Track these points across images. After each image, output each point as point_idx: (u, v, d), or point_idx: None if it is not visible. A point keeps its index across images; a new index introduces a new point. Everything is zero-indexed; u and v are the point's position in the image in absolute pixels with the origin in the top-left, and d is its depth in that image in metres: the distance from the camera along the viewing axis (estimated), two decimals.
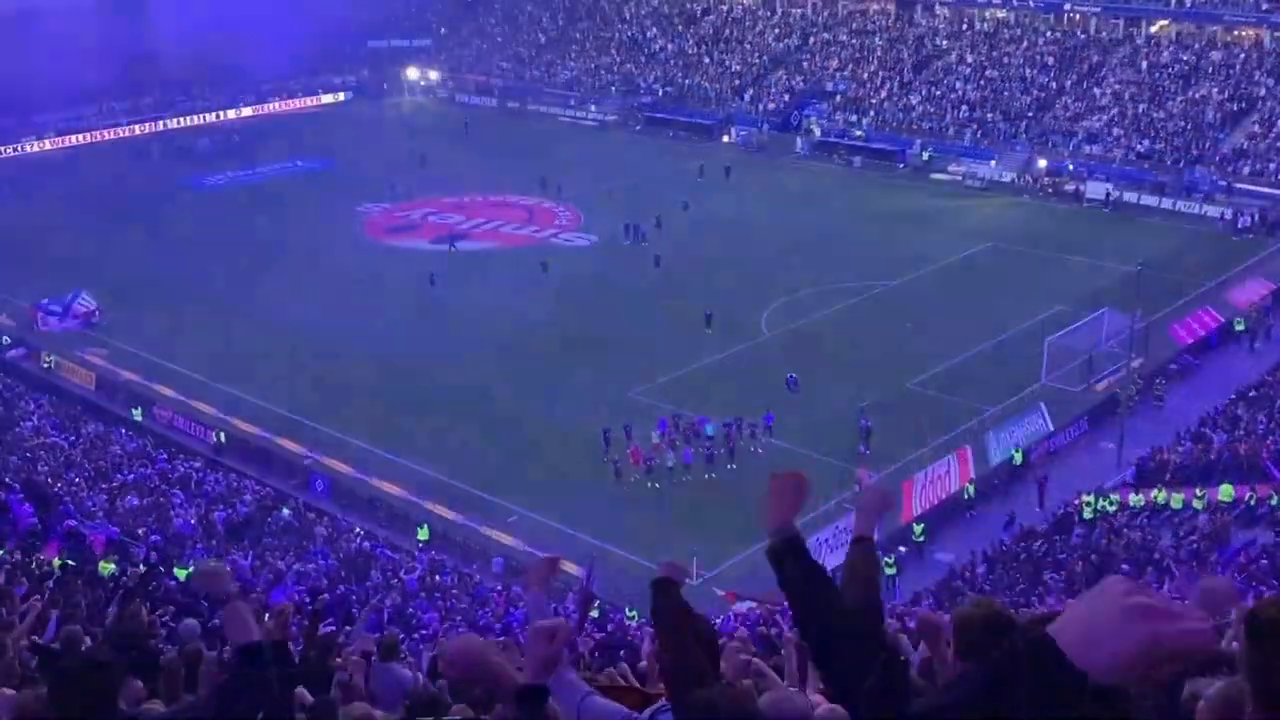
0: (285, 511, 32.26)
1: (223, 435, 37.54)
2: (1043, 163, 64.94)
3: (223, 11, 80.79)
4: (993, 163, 66.23)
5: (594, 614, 23.27)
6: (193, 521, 29.50)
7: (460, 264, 52.38)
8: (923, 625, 5.28)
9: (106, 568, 19.56)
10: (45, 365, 42.98)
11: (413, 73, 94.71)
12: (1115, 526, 29.88)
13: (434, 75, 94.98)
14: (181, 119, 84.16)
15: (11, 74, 75.86)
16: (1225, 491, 30.80)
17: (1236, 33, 69.38)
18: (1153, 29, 72.38)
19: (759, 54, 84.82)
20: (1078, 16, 74.99)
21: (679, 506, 33.15)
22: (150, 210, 62.43)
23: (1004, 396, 38.50)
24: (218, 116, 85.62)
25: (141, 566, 20.57)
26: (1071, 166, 64.11)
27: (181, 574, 20.62)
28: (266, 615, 12.13)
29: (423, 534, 32.33)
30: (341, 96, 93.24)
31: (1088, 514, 31.06)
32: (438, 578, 28.91)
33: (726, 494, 33.16)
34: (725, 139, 76.74)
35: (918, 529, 31.55)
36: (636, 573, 23.15)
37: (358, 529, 32.16)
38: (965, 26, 79.01)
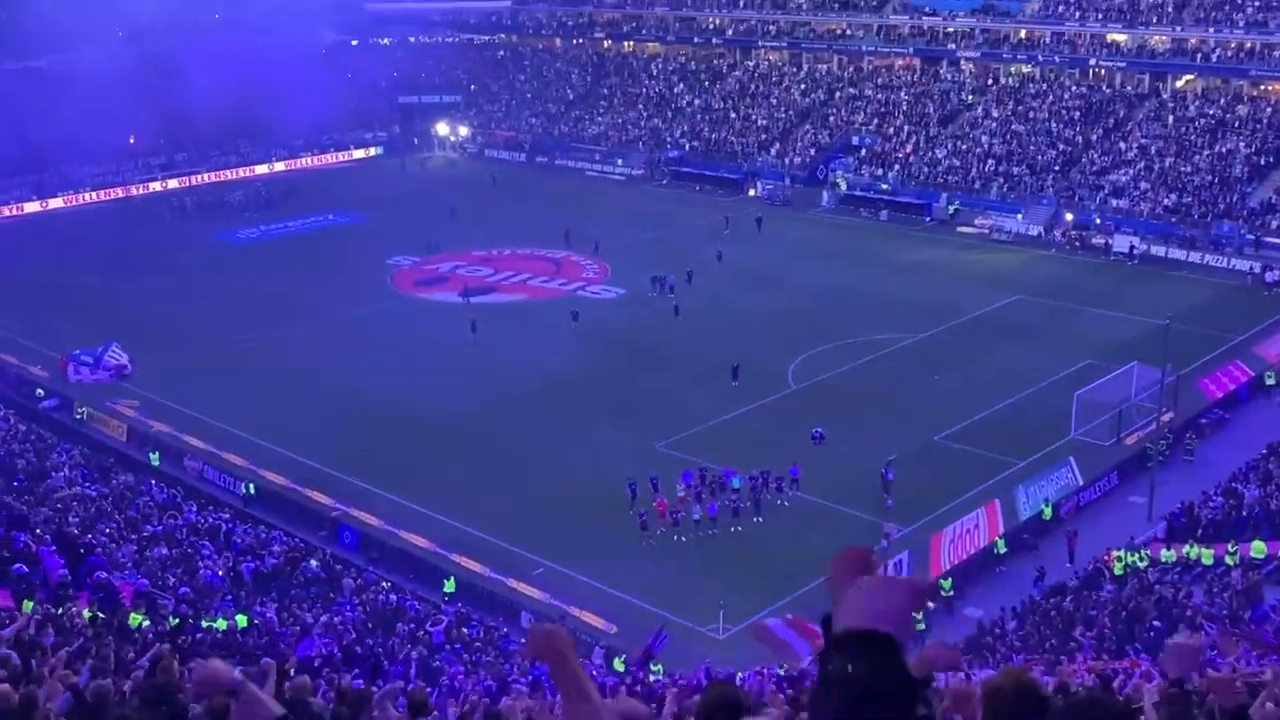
0: (313, 563, 32.30)
1: (252, 486, 37.74)
2: (1069, 216, 64.98)
3: (257, 70, 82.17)
4: (1019, 216, 66.31)
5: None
6: (221, 573, 29.60)
7: (489, 315, 52.66)
8: (953, 696, 5.26)
9: (136, 619, 19.66)
10: (78, 416, 43.41)
11: (443, 128, 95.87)
12: (1146, 582, 29.55)
13: (464, 131, 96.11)
14: (215, 174, 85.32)
15: (50, 130, 77.43)
16: (1257, 548, 30.45)
17: (1263, 87, 69.43)
18: (1178, 84, 72.53)
19: (785, 109, 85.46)
20: (1103, 71, 75.27)
21: (705, 559, 33.06)
22: (183, 263, 63.26)
23: (1033, 450, 38.31)
24: (251, 171, 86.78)
25: (171, 619, 20.68)
26: (1098, 220, 64.08)
27: (212, 625, 20.70)
28: (292, 670, 12.21)
29: (449, 586, 32.33)
30: (373, 151, 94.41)
31: (1118, 570, 30.75)
32: (464, 630, 28.86)
33: (752, 547, 33.08)
34: (751, 193, 77.19)
35: (946, 584, 31.28)
36: (659, 625, 23.11)
37: (385, 581, 32.17)
38: (990, 81, 79.42)
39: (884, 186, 73.11)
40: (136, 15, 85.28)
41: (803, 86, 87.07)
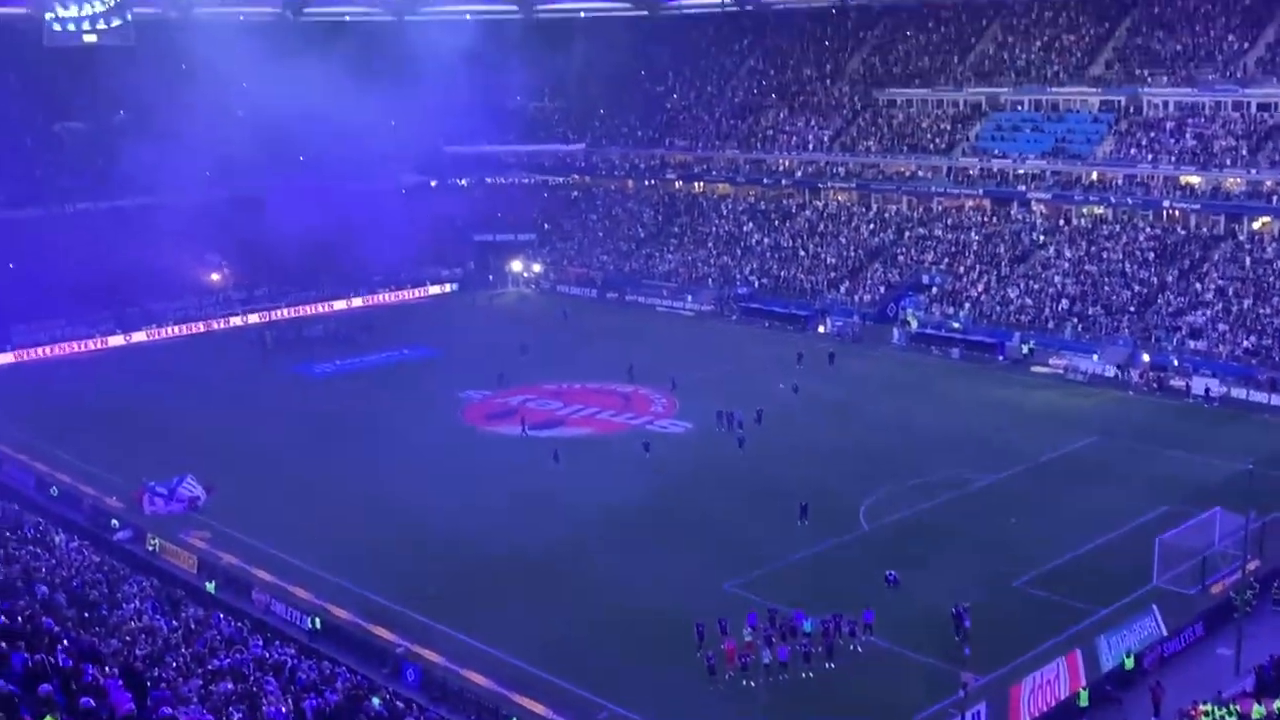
0: (375, 701, 31.84)
1: (318, 621, 37.60)
2: (1146, 357, 64.08)
3: (338, 209, 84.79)
4: (1095, 357, 65.52)
5: None
6: (283, 710, 29.28)
7: (556, 448, 52.70)
8: None
9: None
10: (150, 548, 43.80)
11: (517, 265, 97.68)
12: None
13: (537, 268, 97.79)
14: (295, 309, 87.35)
15: (135, 265, 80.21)
16: None
17: None
18: (1255, 225, 71.96)
19: (854, 248, 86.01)
20: (1176, 213, 74.96)
21: (775, 706, 32.14)
22: (260, 396, 64.55)
23: (1114, 598, 37.11)
24: (330, 307, 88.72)
25: None
26: (1176, 361, 63.11)
27: None
28: None
29: None
30: (448, 288, 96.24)
31: None
32: None
33: (824, 694, 32.16)
34: (821, 329, 77.32)
35: None
36: None
37: None
38: (1062, 222, 79.41)
39: (955, 325, 72.83)
40: (225, 156, 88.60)
41: (872, 226, 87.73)
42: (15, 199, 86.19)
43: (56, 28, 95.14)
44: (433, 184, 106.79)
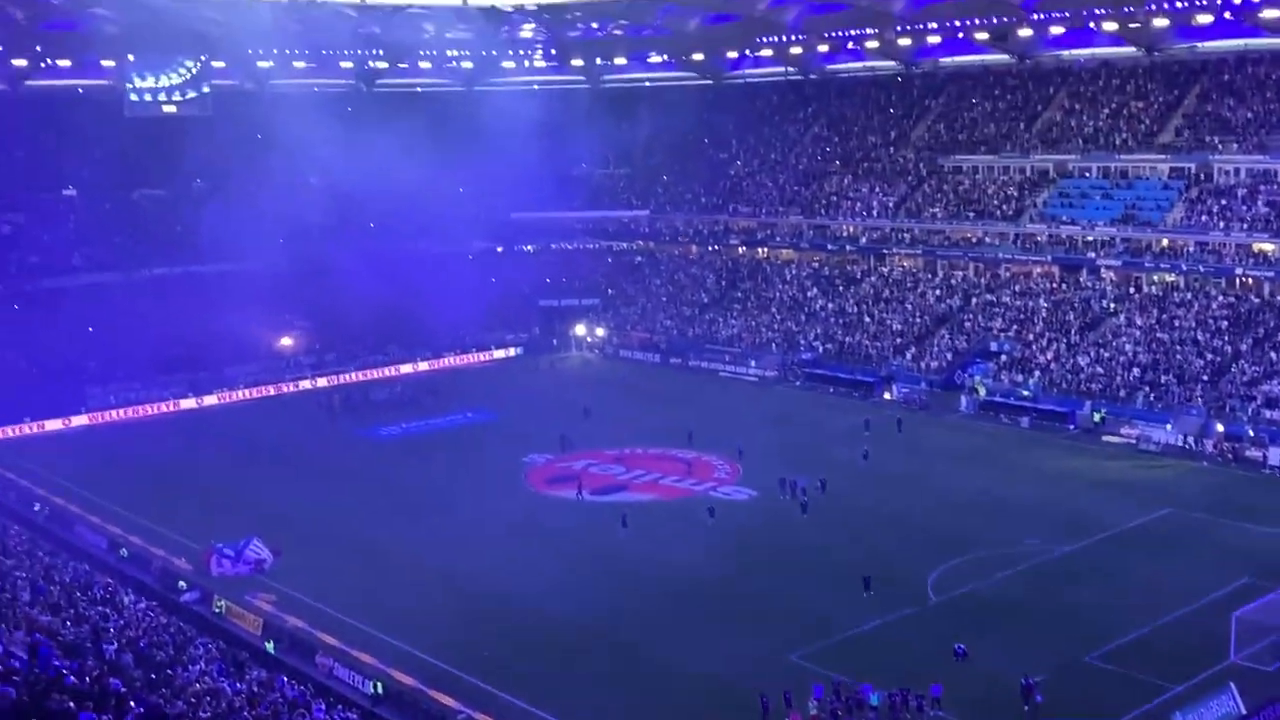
0: None
1: (380, 685, 37.58)
2: (1220, 427, 62.73)
3: (406, 274, 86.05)
4: (1168, 426, 64.23)
5: None
6: None
7: (625, 512, 52.57)
8: None
9: None
10: (216, 610, 44.14)
11: (580, 329, 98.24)
12: None
13: (600, 332, 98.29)
14: (362, 373, 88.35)
15: (209, 329, 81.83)
16: None
17: None
18: None
19: (920, 314, 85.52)
20: (1250, 281, 73.75)
21: None
22: (327, 459, 65.24)
23: (1189, 674, 36.03)
24: (396, 370, 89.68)
25: None
26: (1251, 431, 61.70)
27: None
28: None
29: None
30: (512, 352, 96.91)
31: None
32: None
33: None
34: (887, 396, 76.69)
35: None
36: None
37: None
38: (1133, 289, 78.43)
39: (1025, 393, 71.90)
40: (297, 222, 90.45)
41: (938, 292, 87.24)
42: (96, 264, 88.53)
43: (136, 98, 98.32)
44: (499, 250, 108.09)
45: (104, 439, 72.01)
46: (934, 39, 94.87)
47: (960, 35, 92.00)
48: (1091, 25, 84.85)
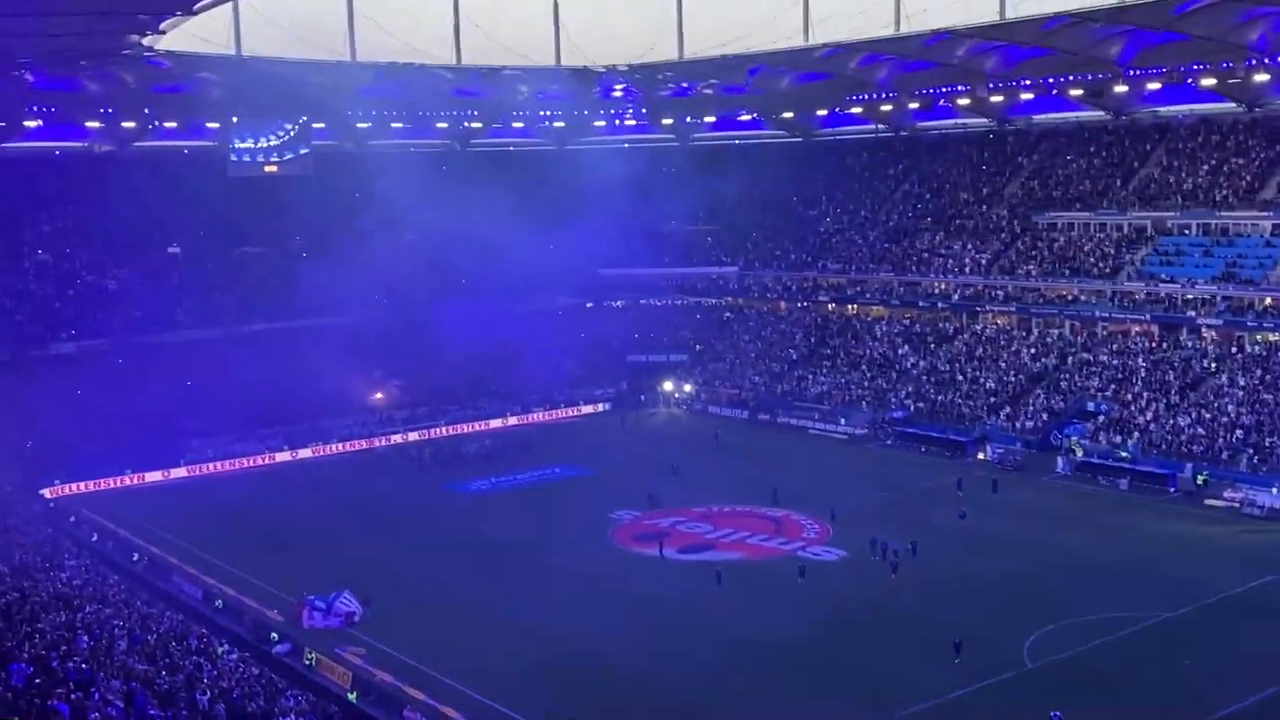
0: None
1: None
2: None
3: (497, 330, 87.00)
4: (1273, 490, 62.16)
5: None
6: None
7: (706, 573, 52.17)
8: None
9: None
10: (307, 661, 44.57)
11: (668, 385, 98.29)
12: None
13: (688, 388, 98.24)
14: (453, 427, 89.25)
15: (306, 383, 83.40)
16: None
17: None
18: None
19: (1014, 373, 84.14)
20: None
21: None
22: (416, 513, 65.84)
23: None
24: (486, 425, 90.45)
25: None
26: None
27: None
28: None
29: None
30: (600, 407, 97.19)
31: None
32: None
33: None
34: (980, 456, 75.37)
35: None
36: None
37: None
38: (1235, 349, 76.38)
39: (1123, 454, 70.16)
40: (393, 279, 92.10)
41: (1033, 350, 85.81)
42: (198, 320, 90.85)
43: (239, 159, 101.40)
44: (588, 305, 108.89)
45: (202, 490, 73.46)
46: (1027, 95, 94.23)
47: (1054, 92, 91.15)
48: (1189, 81, 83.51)
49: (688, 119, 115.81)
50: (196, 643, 40.88)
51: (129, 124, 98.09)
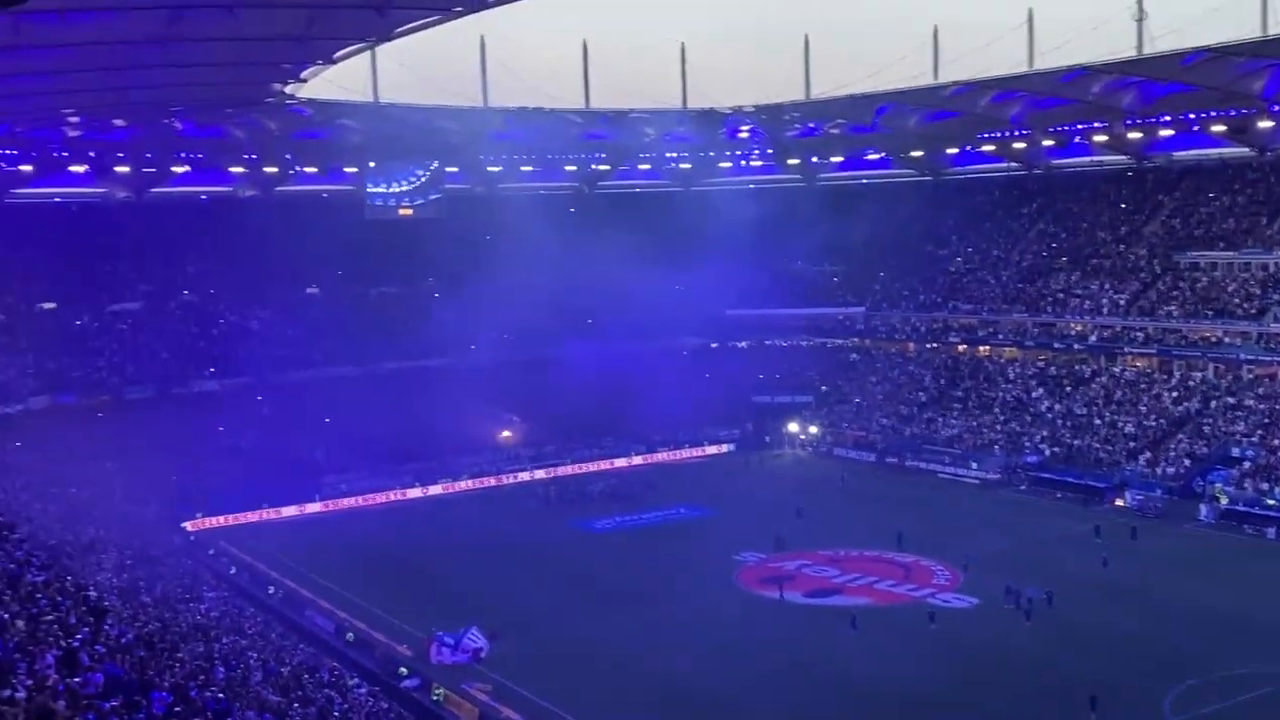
0: None
1: None
2: None
3: (620, 368, 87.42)
4: None
5: None
6: None
7: (831, 618, 51.38)
8: None
9: None
10: (435, 697, 45.06)
11: (793, 426, 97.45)
12: None
13: (814, 430, 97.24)
14: (578, 465, 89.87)
15: (436, 421, 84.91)
16: None
17: None
18: None
19: (1155, 417, 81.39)
20: None
21: None
22: (542, 550, 66.23)
23: None
24: (611, 464, 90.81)
25: None
26: None
27: None
28: None
29: None
30: (724, 448, 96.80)
31: None
32: None
33: None
34: (1119, 503, 72.95)
35: None
36: None
37: None
38: None
39: (1270, 502, 67.24)
40: (521, 319, 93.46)
41: (1175, 394, 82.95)
42: (332, 358, 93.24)
43: (375, 202, 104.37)
44: (713, 346, 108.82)
45: (335, 525, 75.11)
46: (1167, 132, 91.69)
47: (1195, 128, 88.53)
48: None
49: (814, 159, 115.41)
50: (328, 676, 41.67)
51: (271, 169, 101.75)
